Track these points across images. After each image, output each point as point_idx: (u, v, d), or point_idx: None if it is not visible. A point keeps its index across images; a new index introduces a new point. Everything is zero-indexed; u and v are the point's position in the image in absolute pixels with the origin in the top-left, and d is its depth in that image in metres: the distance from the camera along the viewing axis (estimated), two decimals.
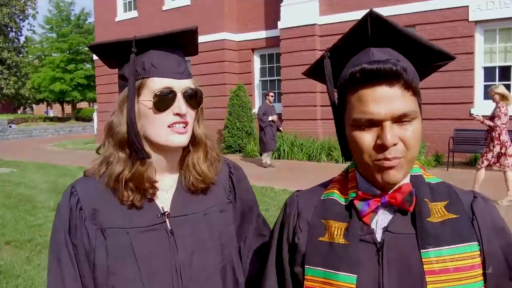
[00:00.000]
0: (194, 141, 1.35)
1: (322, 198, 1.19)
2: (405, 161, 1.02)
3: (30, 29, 64.77)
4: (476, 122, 11.41)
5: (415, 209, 1.06)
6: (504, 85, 11.52)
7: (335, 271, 1.06)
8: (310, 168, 11.72)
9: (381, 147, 1.00)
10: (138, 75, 1.25)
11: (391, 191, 1.07)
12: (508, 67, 11.62)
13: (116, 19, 20.28)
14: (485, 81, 11.91)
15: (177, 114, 1.24)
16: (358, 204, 1.09)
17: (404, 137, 1.00)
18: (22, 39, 45.13)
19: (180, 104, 1.24)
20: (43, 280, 4.74)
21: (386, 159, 1.00)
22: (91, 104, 48.67)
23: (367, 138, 1.02)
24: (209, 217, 1.35)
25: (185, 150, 1.36)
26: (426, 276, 1.00)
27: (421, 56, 1.10)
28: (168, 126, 1.24)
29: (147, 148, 1.29)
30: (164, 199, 1.32)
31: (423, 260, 1.01)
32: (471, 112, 8.36)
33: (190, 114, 1.28)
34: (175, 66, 1.27)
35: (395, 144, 0.99)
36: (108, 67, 1.41)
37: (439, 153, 11.61)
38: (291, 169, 11.69)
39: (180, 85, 1.26)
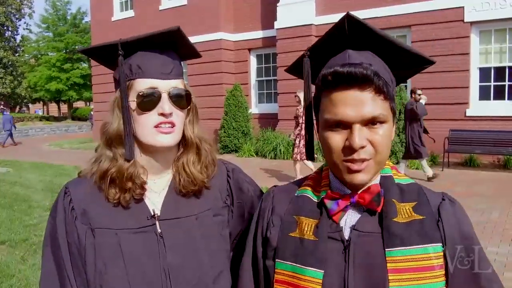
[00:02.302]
0: (185, 142, 1.34)
1: (296, 194, 1.22)
2: (374, 163, 1.05)
3: (27, 28, 64.77)
4: (471, 123, 11.50)
5: (383, 209, 1.09)
6: (499, 85, 11.65)
7: (303, 266, 1.10)
8: (306, 168, 11.66)
9: (349, 149, 1.02)
10: (126, 76, 1.27)
11: (360, 191, 1.10)
12: (503, 68, 11.66)
13: (113, 19, 20.24)
14: (480, 81, 11.95)
15: (162, 114, 1.24)
16: (328, 203, 1.12)
17: (373, 140, 1.03)
18: (18, 38, 44.99)
19: (164, 105, 1.24)
20: (38, 280, 4.73)
21: (354, 160, 1.03)
22: (88, 103, 48.57)
23: (336, 138, 1.05)
24: (202, 221, 1.34)
25: (178, 152, 1.36)
26: (389, 274, 1.03)
27: (401, 60, 1.12)
28: (154, 127, 1.25)
29: (137, 149, 1.31)
30: (155, 201, 1.32)
31: (387, 258, 1.04)
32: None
33: (178, 115, 1.28)
34: (161, 67, 1.26)
35: (363, 147, 1.02)
36: (110, 69, 1.41)
37: (434, 153, 11.62)
38: (288, 169, 11.68)
39: (165, 85, 1.26)
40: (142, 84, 1.25)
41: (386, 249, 1.05)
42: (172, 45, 1.32)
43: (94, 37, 21.59)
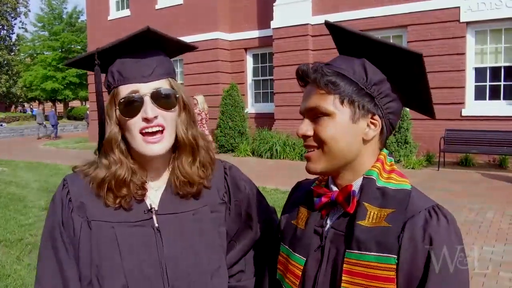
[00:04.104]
0: (178, 143, 1.33)
1: (311, 187, 1.28)
2: (322, 153, 1.13)
3: (22, 27, 64.33)
4: (467, 123, 11.53)
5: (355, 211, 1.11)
6: (495, 85, 11.71)
7: (292, 251, 1.21)
8: (302, 167, 11.60)
9: (298, 136, 1.16)
10: (111, 85, 1.26)
11: (340, 189, 1.16)
12: (498, 68, 11.70)
13: (109, 18, 20.18)
14: (476, 81, 11.98)
15: (145, 119, 1.21)
16: (315, 196, 1.20)
17: (315, 131, 1.12)
18: (13, 37, 44.92)
19: (146, 108, 1.21)
20: (34, 280, 4.71)
21: (304, 146, 1.16)
22: (83, 102, 48.42)
23: None
24: (199, 217, 1.35)
25: (174, 152, 1.36)
26: (343, 274, 1.06)
27: (391, 60, 1.12)
28: (140, 133, 1.23)
29: (133, 151, 1.30)
30: (153, 197, 1.33)
31: (344, 259, 1.07)
32: None
33: (165, 116, 1.25)
34: (141, 70, 1.24)
35: (306, 136, 1.14)
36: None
37: (430, 153, 11.66)
38: (284, 169, 11.70)
39: (147, 88, 1.23)
40: (125, 90, 1.23)
41: (346, 250, 1.08)
42: (154, 45, 1.29)
43: (90, 36, 21.52)
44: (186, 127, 1.32)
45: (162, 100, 1.24)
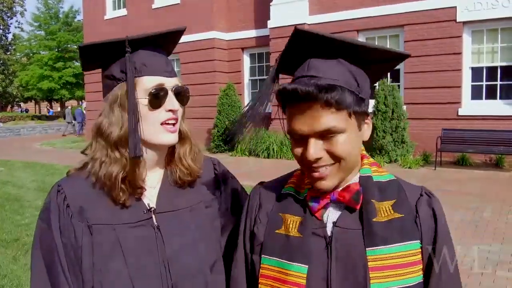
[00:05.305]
0: (181, 136, 1.38)
1: (282, 192, 1.26)
2: (338, 169, 1.09)
3: (18, 27, 63.89)
4: (464, 122, 11.57)
5: (362, 208, 1.12)
6: (491, 85, 11.74)
7: (288, 262, 1.14)
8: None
9: (307, 160, 1.07)
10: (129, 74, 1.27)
11: (339, 189, 1.15)
12: (495, 68, 11.73)
13: (105, 17, 20.14)
14: (472, 81, 12.02)
15: (170, 111, 1.27)
16: (309, 201, 1.17)
17: (331, 150, 1.06)
18: (9, 36, 44.76)
19: (172, 101, 1.28)
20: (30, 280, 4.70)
21: (314, 169, 1.09)
22: (80, 102, 48.32)
23: (299, 149, 1.10)
24: (196, 213, 1.38)
25: (172, 145, 1.38)
26: (370, 272, 1.07)
27: (370, 57, 1.12)
28: (161, 124, 1.28)
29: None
30: (150, 196, 1.34)
31: (368, 257, 1.08)
32: None
33: (179, 111, 1.32)
34: (164, 65, 1.31)
35: (319, 158, 1.07)
36: (83, 70, 1.41)
37: (427, 152, 11.69)
38: (280, 168, 11.66)
39: (170, 82, 1.30)
40: (150, 82, 1.26)
41: (367, 248, 1.09)
42: (166, 44, 1.36)
43: (86, 36, 21.47)
44: (185, 121, 1.40)
45: (179, 95, 1.32)
